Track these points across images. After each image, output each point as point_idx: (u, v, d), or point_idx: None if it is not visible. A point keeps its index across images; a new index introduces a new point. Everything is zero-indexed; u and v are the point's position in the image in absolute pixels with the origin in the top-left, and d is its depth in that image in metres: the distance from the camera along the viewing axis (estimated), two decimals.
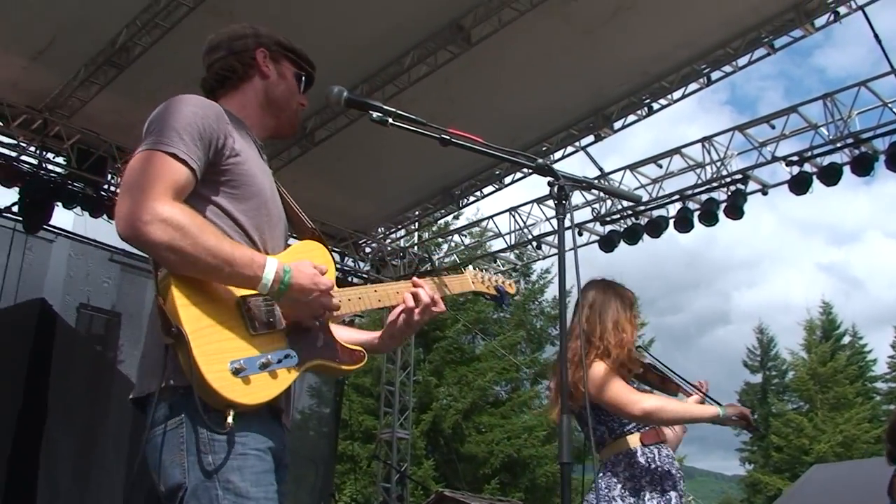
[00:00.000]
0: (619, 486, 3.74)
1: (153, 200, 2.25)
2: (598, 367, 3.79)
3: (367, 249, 14.28)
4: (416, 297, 2.79)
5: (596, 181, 2.69)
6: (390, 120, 2.50)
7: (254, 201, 2.56)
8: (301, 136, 10.90)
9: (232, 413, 2.23)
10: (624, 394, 3.74)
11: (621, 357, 3.85)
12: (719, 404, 4.07)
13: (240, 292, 2.39)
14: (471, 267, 3.22)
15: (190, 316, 2.25)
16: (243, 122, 2.71)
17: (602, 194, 11.93)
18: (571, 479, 2.07)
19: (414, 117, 2.49)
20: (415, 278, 2.88)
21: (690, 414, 3.92)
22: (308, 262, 2.50)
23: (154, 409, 2.33)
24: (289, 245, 2.76)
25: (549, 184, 2.48)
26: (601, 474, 3.80)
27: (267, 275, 2.36)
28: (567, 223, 2.44)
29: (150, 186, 2.27)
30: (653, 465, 3.77)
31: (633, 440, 3.84)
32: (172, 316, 2.26)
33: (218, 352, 2.25)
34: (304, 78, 2.88)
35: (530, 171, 2.52)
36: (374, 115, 2.51)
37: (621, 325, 3.94)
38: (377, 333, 2.91)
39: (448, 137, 2.53)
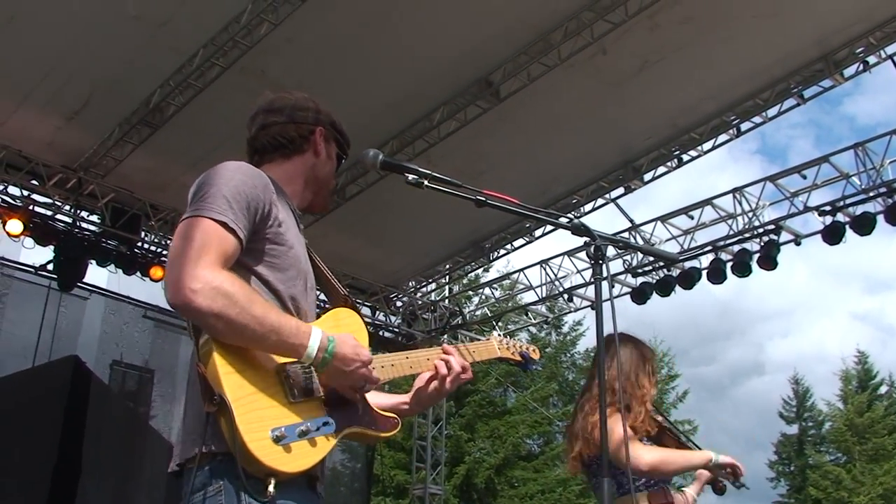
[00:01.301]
0: None
1: (202, 268, 2.26)
2: (613, 421, 3.76)
3: (398, 303, 14.29)
4: (447, 364, 2.82)
5: (632, 240, 2.67)
6: (426, 182, 2.51)
7: (291, 271, 2.58)
8: (333, 193, 10.96)
9: (273, 482, 2.23)
10: (631, 448, 3.72)
11: (639, 413, 3.88)
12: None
13: (279, 360, 2.40)
14: (496, 333, 3.27)
15: (232, 384, 2.26)
16: (286, 191, 2.74)
17: (651, 256, 11.89)
18: None
19: (449, 179, 2.49)
20: (445, 345, 2.91)
21: (690, 462, 3.95)
22: (350, 334, 2.53)
23: (194, 474, 2.34)
24: (320, 313, 2.78)
25: (586, 243, 2.47)
26: None
27: (312, 344, 2.37)
28: (605, 285, 2.43)
29: (199, 254, 2.29)
30: None
31: (641, 499, 3.84)
32: (215, 383, 2.26)
33: (259, 419, 2.25)
34: (340, 159, 2.93)
35: (566, 229, 2.51)
36: (410, 177, 2.53)
37: (640, 381, 3.98)
38: (405, 398, 2.95)
39: (483, 199, 2.54)
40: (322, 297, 3.01)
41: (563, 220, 2.59)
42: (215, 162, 2.56)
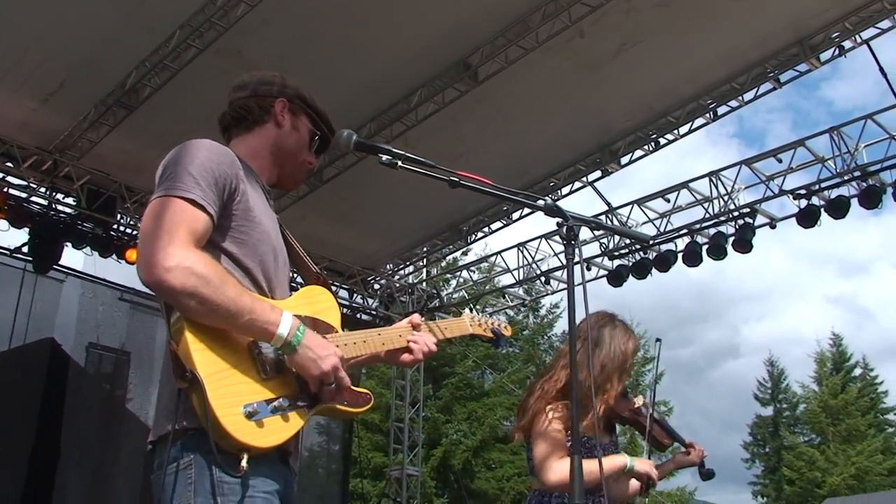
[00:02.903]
0: None
1: (175, 248, 2.28)
2: (554, 413, 3.72)
3: (376, 286, 14.30)
4: (416, 342, 2.91)
5: (605, 220, 2.70)
6: (399, 163, 2.52)
7: (261, 247, 2.59)
8: (310, 175, 10.94)
9: (246, 457, 2.25)
10: (546, 455, 3.66)
11: (594, 406, 3.66)
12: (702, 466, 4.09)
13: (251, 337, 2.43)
14: (468, 310, 3.28)
15: (204, 360, 2.28)
16: (252, 166, 2.75)
17: (622, 236, 11.96)
18: None
19: (423, 160, 2.51)
20: (414, 317, 2.98)
21: (597, 475, 3.49)
22: (324, 340, 2.54)
23: (168, 449, 2.35)
24: (293, 290, 2.79)
25: (558, 224, 2.49)
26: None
27: (283, 327, 2.38)
28: (577, 265, 2.45)
29: (171, 233, 2.30)
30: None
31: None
32: (186, 360, 2.28)
33: (232, 395, 2.27)
34: (318, 138, 2.91)
35: (539, 210, 2.53)
36: (384, 158, 2.53)
37: (607, 373, 3.86)
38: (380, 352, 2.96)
39: (457, 180, 2.55)
40: (297, 276, 3.03)
41: (536, 201, 2.60)
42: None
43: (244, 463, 2.24)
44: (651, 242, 11.60)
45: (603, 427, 3.89)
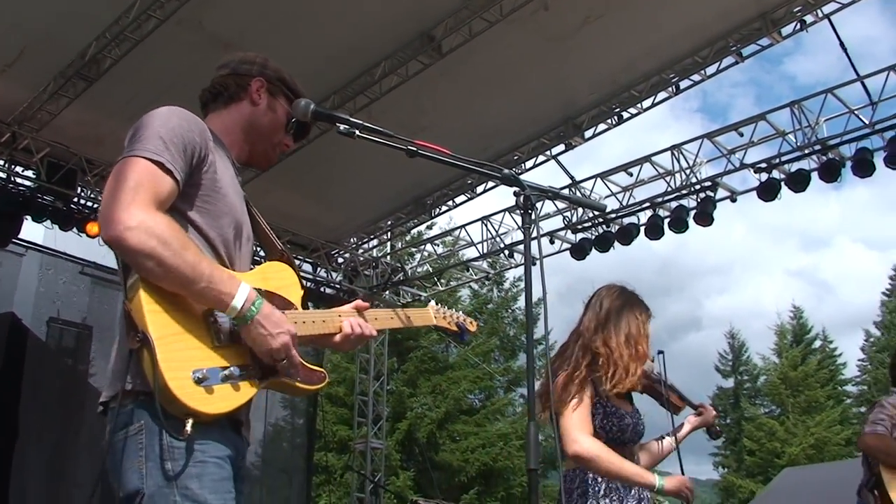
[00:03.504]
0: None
1: (139, 208, 2.28)
2: (576, 390, 3.74)
3: (340, 260, 14.27)
4: (352, 326, 2.87)
5: (560, 191, 2.71)
6: (357, 132, 2.52)
7: (224, 218, 2.59)
8: (278, 147, 10.86)
9: (191, 421, 2.25)
10: (571, 426, 3.67)
11: (620, 376, 3.75)
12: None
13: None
14: (433, 302, 3.28)
15: (157, 322, 2.28)
16: (223, 141, 2.77)
17: (578, 205, 12.02)
18: (538, 485, 2.10)
19: (381, 129, 2.51)
20: (359, 302, 2.97)
21: (624, 474, 3.68)
22: (280, 317, 2.53)
23: (116, 413, 2.35)
24: (255, 266, 2.80)
25: (515, 193, 2.51)
26: (567, 482, 3.79)
27: (239, 297, 2.38)
28: (534, 232, 2.47)
29: (135, 193, 2.30)
30: (611, 483, 3.73)
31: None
32: (139, 320, 2.28)
33: (182, 360, 2.27)
34: (295, 121, 2.90)
35: (497, 179, 2.54)
36: (342, 127, 2.53)
37: (631, 341, 3.86)
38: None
39: (415, 149, 2.55)
40: (261, 252, 3.03)
41: (494, 170, 2.61)
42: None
43: (188, 427, 2.24)
44: (607, 212, 11.65)
45: (623, 396, 3.91)
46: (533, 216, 2.49)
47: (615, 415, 3.77)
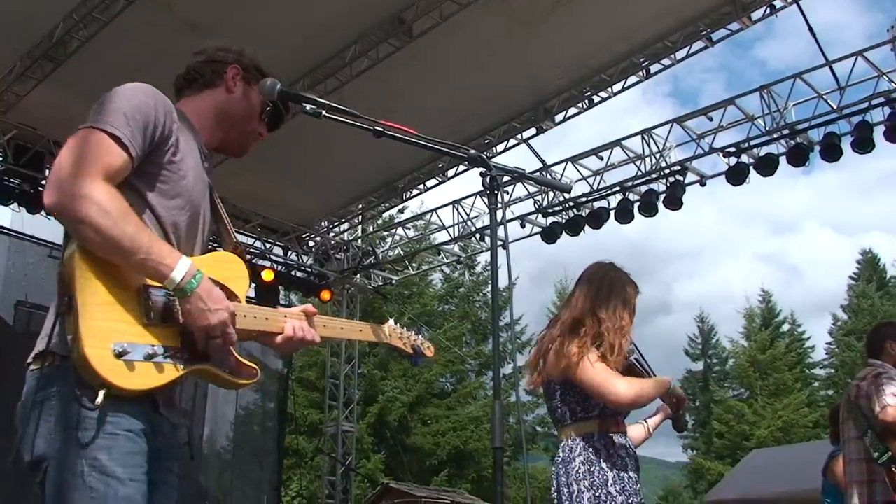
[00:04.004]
0: (579, 463, 3.74)
1: (88, 177, 2.27)
2: (585, 351, 3.78)
3: (311, 243, 14.25)
4: (294, 329, 2.79)
5: (526, 171, 2.71)
6: (324, 112, 2.52)
7: (178, 200, 2.57)
8: (253, 136, 10.80)
9: (103, 392, 2.22)
10: (603, 378, 3.72)
11: (615, 345, 3.83)
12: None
13: (146, 280, 2.39)
14: (392, 321, 3.22)
15: (87, 288, 2.26)
16: (194, 126, 2.75)
17: (544, 186, 12.05)
18: (503, 463, 2.11)
19: (347, 109, 2.51)
20: (309, 307, 2.91)
21: (658, 389, 3.90)
22: (220, 293, 2.50)
23: (36, 376, 2.35)
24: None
25: (482, 174, 2.52)
26: (566, 451, 3.81)
27: (178, 270, 2.36)
28: (500, 213, 2.49)
29: (85, 162, 2.30)
30: (610, 450, 3.76)
31: (591, 426, 3.82)
32: (70, 285, 2.28)
33: (105, 330, 2.25)
34: (270, 109, 2.91)
35: (463, 159, 2.55)
36: (308, 107, 2.53)
37: (619, 313, 3.93)
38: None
39: (382, 129, 2.56)
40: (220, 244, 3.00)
41: (460, 151, 2.61)
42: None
43: (100, 398, 2.22)
44: (577, 195, 11.73)
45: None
46: (499, 197, 2.50)
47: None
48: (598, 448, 3.74)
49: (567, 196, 11.88)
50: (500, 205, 2.48)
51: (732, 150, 10.60)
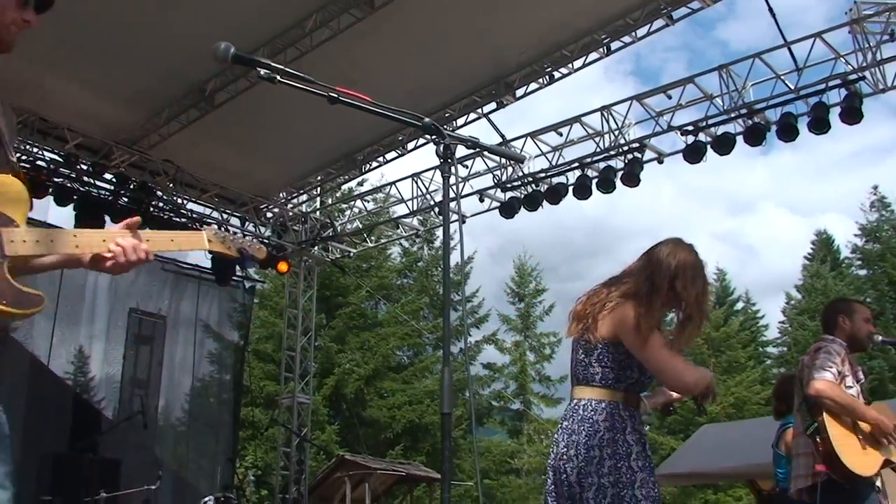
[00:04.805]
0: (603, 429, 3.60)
1: None
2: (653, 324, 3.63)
3: (269, 214, 14.17)
4: (120, 247, 2.59)
5: (479, 140, 2.71)
6: (278, 77, 2.50)
7: None
8: (200, 99, 10.73)
9: None
10: (675, 363, 3.63)
11: (692, 330, 3.73)
12: None
13: None
14: (214, 226, 3.04)
15: None
16: None
17: (503, 161, 12.08)
18: (451, 429, 2.13)
19: (301, 75, 2.49)
20: (133, 220, 2.68)
21: (706, 381, 3.75)
22: None
23: None
24: None
25: (435, 142, 2.51)
26: (588, 411, 3.65)
27: None
28: (458, 186, 2.49)
29: None
30: (636, 423, 3.68)
31: (618, 396, 3.67)
32: None
33: None
34: None
35: (417, 128, 2.54)
36: (262, 72, 2.51)
37: (702, 298, 3.78)
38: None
39: (336, 96, 2.54)
40: None
41: (415, 119, 2.61)
42: (76, 62, 2.50)
43: None
44: (536, 171, 11.81)
45: None
46: (454, 167, 2.50)
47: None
48: (625, 418, 3.61)
49: (526, 171, 11.93)
50: (454, 174, 2.48)
51: (690, 128, 10.69)
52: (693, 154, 10.57)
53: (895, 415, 5.14)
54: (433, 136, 2.53)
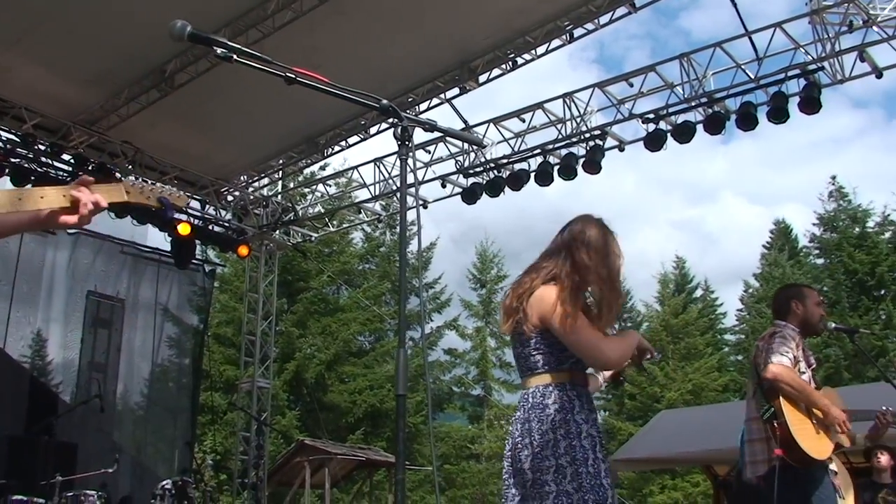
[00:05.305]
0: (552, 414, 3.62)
1: None
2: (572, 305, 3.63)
3: (229, 197, 14.08)
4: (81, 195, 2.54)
5: (437, 123, 2.71)
6: (234, 56, 2.48)
7: None
8: (160, 80, 10.61)
9: None
10: (596, 340, 3.63)
11: (610, 304, 3.73)
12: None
13: None
14: (132, 177, 3.02)
15: None
16: None
17: (465, 146, 12.07)
18: (405, 410, 2.14)
19: (259, 55, 2.48)
20: (85, 178, 2.61)
21: (633, 346, 3.85)
22: None
23: None
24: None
25: (393, 124, 2.51)
26: (538, 397, 3.68)
27: None
28: (410, 164, 2.49)
29: None
30: (583, 401, 3.70)
31: (563, 377, 3.69)
32: None
33: None
34: None
35: (375, 109, 2.54)
36: (219, 51, 2.49)
37: (614, 272, 3.80)
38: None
39: (293, 76, 2.53)
40: None
41: (372, 100, 2.60)
42: (34, 42, 2.47)
43: None
44: (498, 157, 11.83)
45: None
46: (410, 147, 2.50)
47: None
48: (572, 398, 3.64)
49: (488, 157, 11.95)
50: (412, 156, 2.48)
51: (651, 116, 10.74)
52: (654, 142, 10.63)
53: (842, 401, 5.23)
54: (391, 118, 2.53)
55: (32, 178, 11.21)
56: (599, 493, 3.49)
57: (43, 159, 11.47)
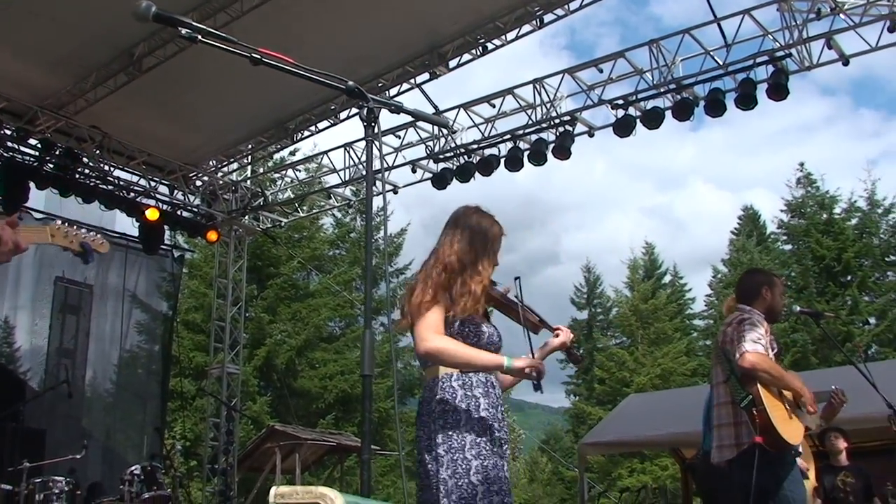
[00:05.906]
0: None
1: None
2: (429, 295, 3.70)
3: (198, 183, 13.99)
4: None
5: (403, 105, 2.72)
6: (199, 37, 2.47)
7: None
8: (128, 63, 10.52)
9: None
10: (424, 327, 3.64)
11: (462, 295, 3.73)
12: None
13: None
14: (58, 221, 3.12)
15: None
16: None
17: (435, 131, 12.07)
18: (372, 390, 2.15)
19: (224, 35, 2.47)
20: (12, 218, 2.74)
21: (475, 362, 3.74)
22: None
23: None
24: None
25: (359, 106, 2.51)
26: (425, 392, 3.81)
27: None
28: (390, 157, 2.49)
29: None
30: (467, 390, 3.77)
31: (449, 370, 3.76)
32: None
33: None
34: None
35: (341, 91, 2.54)
36: (184, 31, 2.48)
37: (477, 259, 3.83)
38: None
39: (259, 57, 2.52)
40: None
41: (338, 82, 2.60)
42: (4, 23, 2.45)
43: None
44: (474, 143, 11.81)
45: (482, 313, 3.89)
46: (376, 128, 2.50)
47: (472, 321, 3.79)
48: (455, 388, 3.71)
49: (458, 143, 11.95)
50: (378, 137, 2.49)
51: (620, 102, 10.79)
52: (623, 128, 10.68)
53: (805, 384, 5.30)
54: (357, 100, 2.53)
55: None
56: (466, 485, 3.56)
57: (9, 144, 11.36)
